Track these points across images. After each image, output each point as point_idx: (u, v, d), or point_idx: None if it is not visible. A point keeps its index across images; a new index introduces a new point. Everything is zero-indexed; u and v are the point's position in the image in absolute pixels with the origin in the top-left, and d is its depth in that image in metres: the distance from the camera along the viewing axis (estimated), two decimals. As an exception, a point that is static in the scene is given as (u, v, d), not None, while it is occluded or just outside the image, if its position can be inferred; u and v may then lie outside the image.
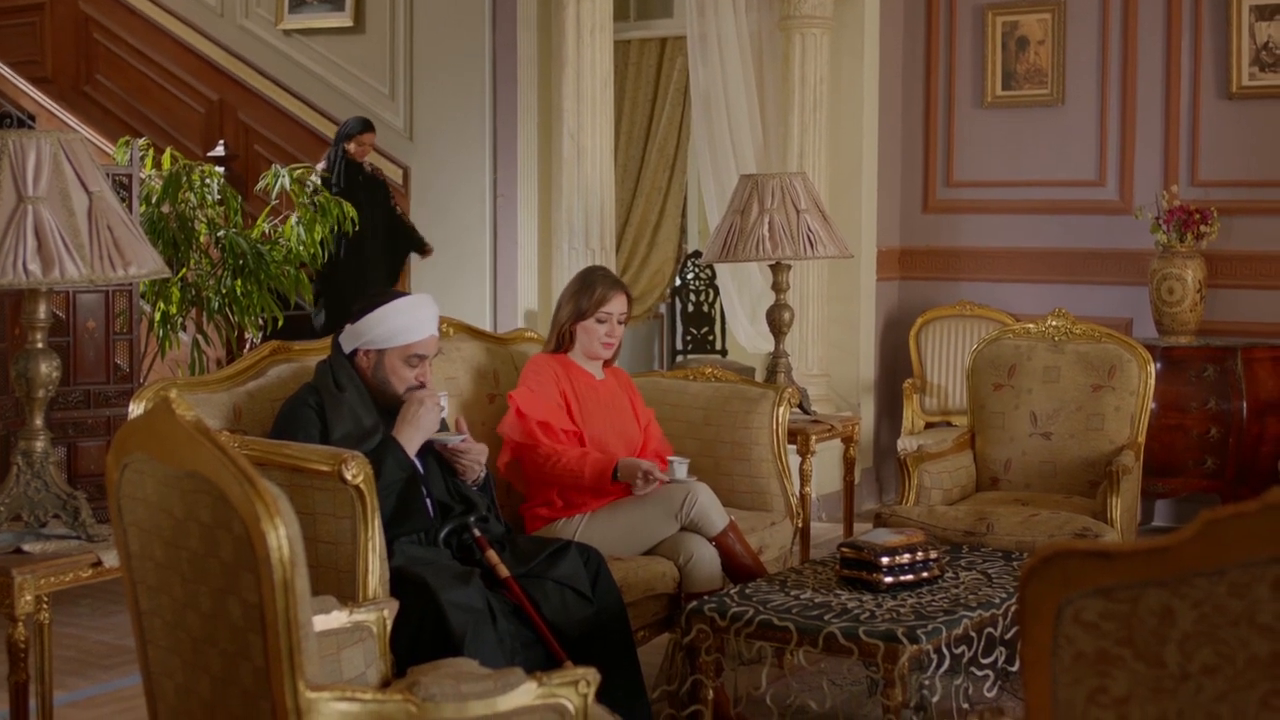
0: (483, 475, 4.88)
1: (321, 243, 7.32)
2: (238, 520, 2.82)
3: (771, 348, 7.11)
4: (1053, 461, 6.37)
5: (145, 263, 4.25)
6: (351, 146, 8.23)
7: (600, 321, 5.41)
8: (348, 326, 4.78)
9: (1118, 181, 8.53)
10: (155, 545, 3.08)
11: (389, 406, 4.74)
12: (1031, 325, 6.65)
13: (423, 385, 4.78)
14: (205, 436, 2.89)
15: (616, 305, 5.43)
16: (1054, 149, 8.71)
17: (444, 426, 4.80)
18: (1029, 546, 5.43)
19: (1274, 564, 2.10)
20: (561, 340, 5.48)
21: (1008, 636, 4.60)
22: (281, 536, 2.77)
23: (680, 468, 5.23)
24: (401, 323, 4.71)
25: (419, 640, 4.21)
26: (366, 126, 8.34)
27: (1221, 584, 2.12)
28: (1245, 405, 7.73)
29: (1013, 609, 4.57)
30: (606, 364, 5.56)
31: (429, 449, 4.76)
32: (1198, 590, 2.13)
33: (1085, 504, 6.06)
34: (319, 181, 7.71)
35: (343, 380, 4.69)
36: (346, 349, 4.76)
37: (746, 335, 8.81)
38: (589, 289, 5.45)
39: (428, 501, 4.63)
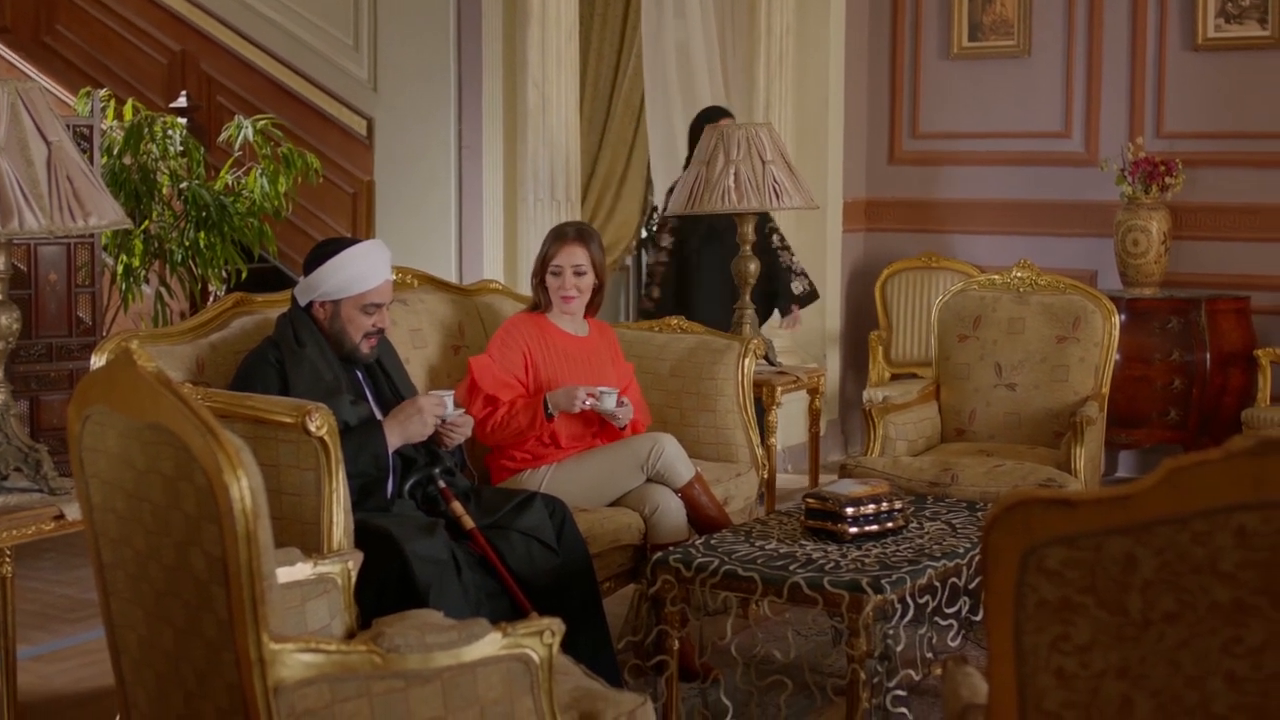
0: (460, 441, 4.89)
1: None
2: (200, 472, 2.80)
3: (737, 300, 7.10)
4: (1017, 413, 6.39)
5: (105, 213, 4.22)
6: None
7: (554, 274, 5.39)
8: (302, 279, 4.74)
9: (1083, 133, 8.54)
10: (117, 498, 3.06)
11: (348, 356, 4.72)
12: (996, 277, 6.66)
13: (381, 331, 4.75)
14: (167, 388, 2.87)
15: (566, 258, 5.39)
16: (1020, 101, 8.71)
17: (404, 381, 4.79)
18: (993, 497, 5.45)
19: (1236, 512, 2.10)
20: (539, 298, 5.45)
21: (972, 586, 4.62)
22: (244, 488, 2.76)
23: (609, 399, 5.21)
24: (354, 272, 4.68)
25: (384, 592, 4.21)
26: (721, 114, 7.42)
27: (1184, 532, 2.13)
28: (1209, 357, 7.77)
29: (976, 558, 4.59)
30: (590, 316, 5.53)
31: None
32: (1160, 538, 2.14)
33: (1049, 455, 6.08)
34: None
35: (303, 335, 4.66)
36: (302, 302, 4.73)
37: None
38: (545, 243, 5.44)
39: (390, 486, 4.62)
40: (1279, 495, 2.08)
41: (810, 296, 7.60)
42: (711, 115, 7.29)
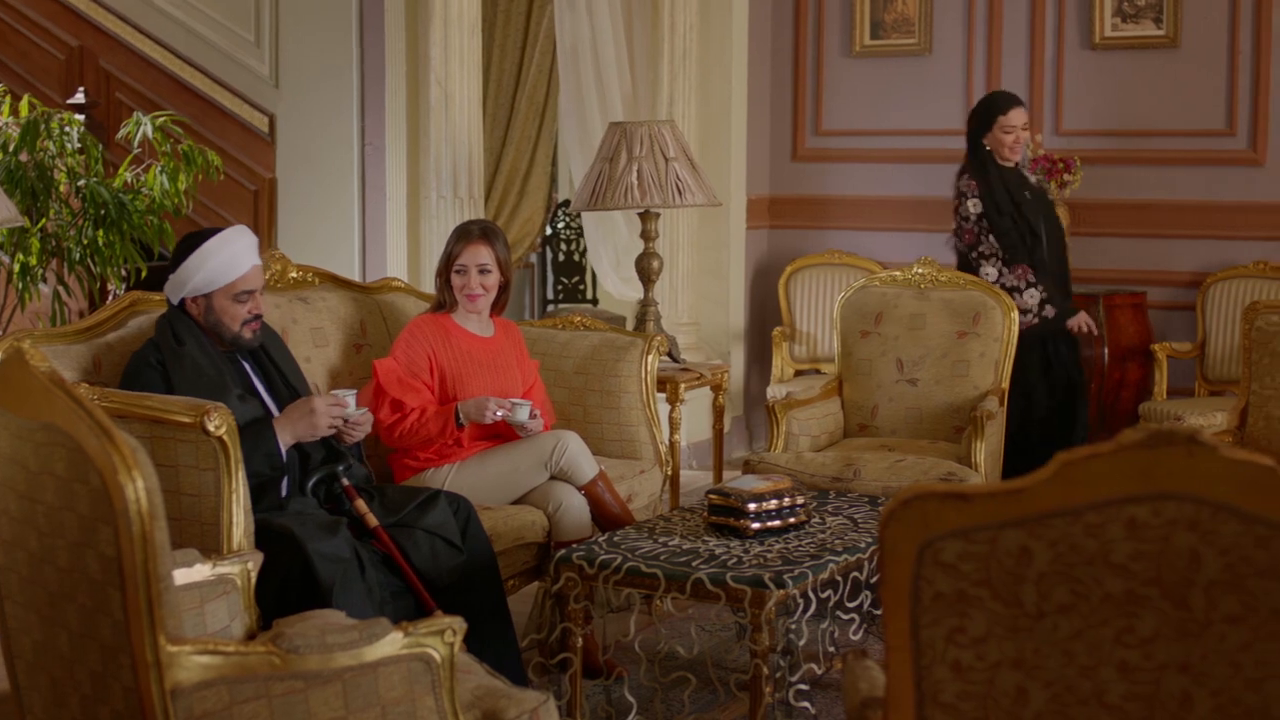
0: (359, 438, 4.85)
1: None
2: (94, 473, 2.76)
3: (641, 296, 7.12)
4: (919, 408, 6.44)
5: (-1, 211, 4.16)
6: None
7: (458, 273, 5.37)
8: (169, 277, 4.68)
9: (983, 131, 8.60)
10: (9, 499, 3.02)
11: (231, 349, 4.67)
12: (898, 273, 6.71)
13: (258, 318, 4.70)
14: (60, 388, 2.83)
15: (471, 256, 5.37)
16: (921, 98, 8.78)
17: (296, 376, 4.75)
18: (895, 492, 5.49)
19: (1128, 504, 2.13)
20: (444, 299, 5.43)
21: (873, 580, 4.65)
22: (139, 489, 2.73)
23: (521, 410, 5.20)
24: (219, 262, 4.61)
25: (286, 592, 4.18)
26: (1010, 102, 6.93)
27: (1077, 524, 2.16)
28: (1107, 351, 7.87)
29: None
30: (495, 315, 5.51)
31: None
32: (1054, 530, 2.17)
33: (951, 449, 6.13)
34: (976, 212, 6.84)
35: (181, 333, 4.59)
36: (174, 300, 4.66)
37: (613, 284, 8.80)
38: (449, 243, 5.42)
39: (284, 485, 4.59)
40: (1169, 487, 2.11)
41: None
42: (1001, 103, 6.91)
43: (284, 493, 4.58)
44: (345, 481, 4.70)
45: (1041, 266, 6.79)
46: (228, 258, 4.62)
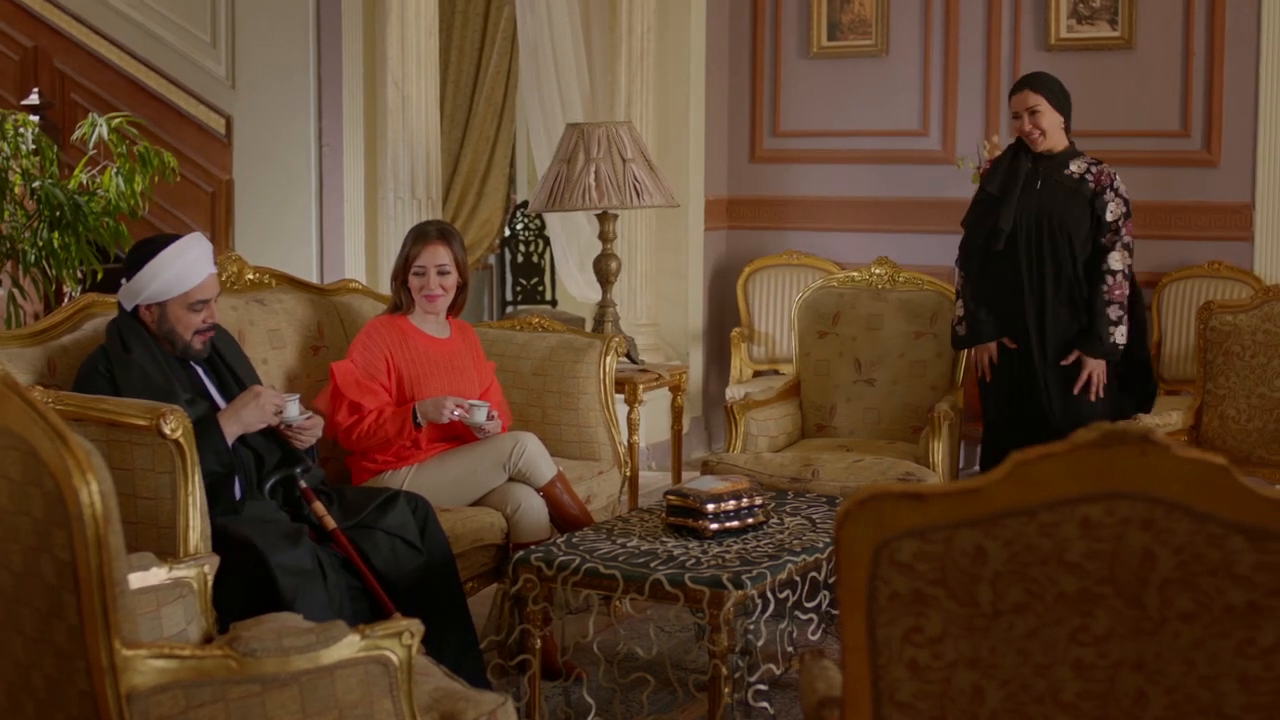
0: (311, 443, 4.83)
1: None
2: (48, 476, 2.75)
3: (600, 298, 7.12)
4: (876, 408, 6.46)
5: (-48, 213, 4.13)
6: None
7: (417, 274, 5.36)
8: (123, 284, 4.64)
9: (940, 131, 8.65)
10: (-36, 503, 3.00)
11: (183, 356, 4.65)
12: (855, 274, 6.73)
13: (215, 326, 4.68)
14: (13, 391, 2.82)
15: (429, 257, 5.36)
16: (878, 99, 8.80)
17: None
18: (853, 492, 5.50)
19: (1081, 504, 2.15)
20: (400, 300, 5.41)
21: (831, 580, 4.66)
22: (93, 492, 2.71)
23: (479, 412, 5.20)
24: (175, 271, 4.57)
25: (248, 601, 4.15)
26: (1015, 86, 6.18)
27: (1031, 524, 2.17)
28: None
29: (836, 553, 4.63)
30: (452, 317, 5.51)
31: None
32: (1008, 530, 2.18)
33: (908, 449, 6.16)
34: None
35: (130, 340, 4.56)
36: (128, 306, 4.62)
37: (577, 285, 8.80)
38: (406, 244, 5.41)
39: (237, 487, 4.56)
40: (1122, 487, 2.13)
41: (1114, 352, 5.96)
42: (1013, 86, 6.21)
43: (238, 494, 4.55)
44: (303, 484, 4.69)
45: (983, 277, 6.02)
46: (183, 267, 4.59)
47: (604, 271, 6.95)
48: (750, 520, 4.79)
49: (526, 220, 10.83)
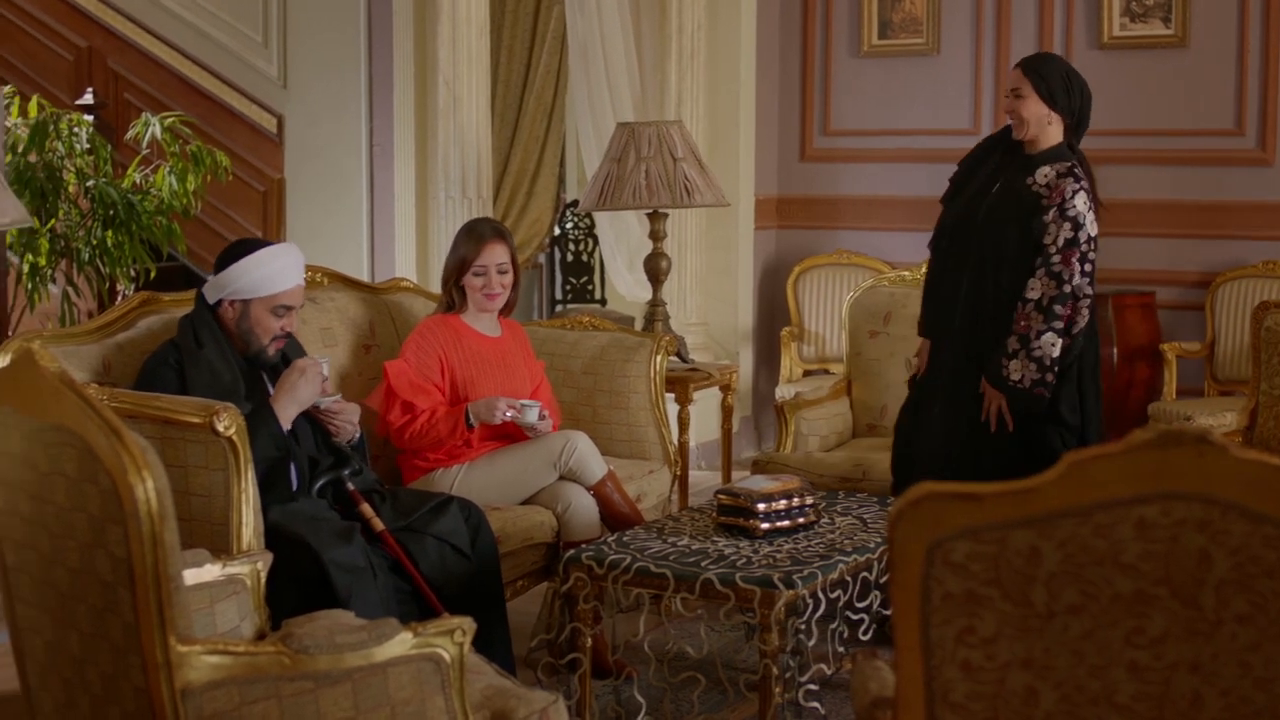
0: (356, 435, 4.83)
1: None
2: (104, 473, 2.77)
3: (650, 297, 7.12)
4: (928, 408, 6.42)
5: (8, 212, 4.18)
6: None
7: (477, 275, 5.37)
8: (211, 278, 4.69)
9: (991, 130, 8.59)
10: (21, 500, 3.02)
11: (253, 358, 4.67)
12: (907, 273, 6.71)
13: (289, 336, 4.71)
14: (70, 388, 2.84)
15: (489, 256, 5.37)
16: (929, 98, 8.77)
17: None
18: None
19: (1136, 504, 2.13)
20: (452, 300, 5.42)
21: (883, 580, 4.65)
22: (149, 489, 2.73)
23: (531, 412, 5.21)
24: (265, 273, 4.62)
25: (301, 598, 4.17)
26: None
27: (1086, 524, 2.16)
28: (1115, 351, 7.87)
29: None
30: (502, 316, 5.52)
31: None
32: (1063, 530, 2.16)
33: (959, 449, 6.12)
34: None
35: (202, 336, 4.60)
36: (211, 300, 4.67)
37: (625, 284, 8.80)
38: (461, 244, 5.41)
39: (293, 473, 4.58)
40: (1178, 487, 2.11)
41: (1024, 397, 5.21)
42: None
43: (294, 484, 4.57)
44: (350, 486, 4.70)
45: (935, 266, 5.57)
46: (277, 269, 4.64)
47: (654, 270, 6.95)
48: (801, 520, 4.78)
49: (576, 219, 10.84)
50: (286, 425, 4.55)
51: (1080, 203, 5.16)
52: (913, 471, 5.27)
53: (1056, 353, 5.11)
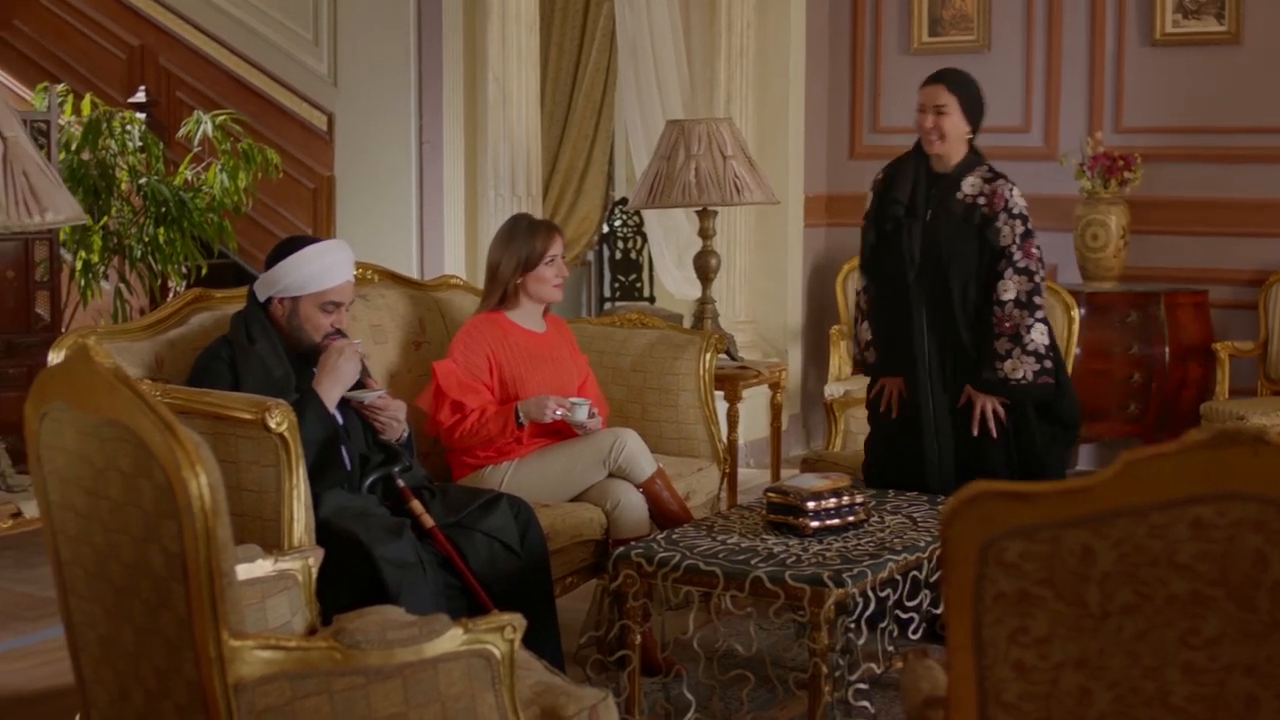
0: (405, 433, 4.84)
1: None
2: (158, 468, 2.79)
3: (699, 294, 7.11)
4: (978, 406, 6.39)
5: (62, 209, 4.20)
6: None
7: (549, 264, 5.39)
8: (261, 275, 4.72)
9: (1043, 128, 8.57)
10: (76, 494, 3.05)
11: (305, 354, 4.69)
12: (957, 271, 6.66)
13: (340, 332, 4.72)
14: (124, 384, 2.86)
15: (558, 246, 5.42)
16: (980, 95, 8.72)
17: (360, 380, 4.74)
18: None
19: (1192, 504, 2.12)
20: (506, 295, 5.42)
21: (933, 579, 4.63)
22: (202, 484, 2.75)
23: (580, 410, 5.22)
24: (315, 269, 4.64)
25: (351, 594, 4.19)
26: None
27: (1141, 524, 2.14)
28: (1168, 350, 7.82)
29: (937, 552, 4.59)
30: (546, 313, 5.53)
31: (348, 405, 4.71)
32: (1118, 530, 2.15)
33: (1010, 448, 6.09)
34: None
35: (254, 332, 4.62)
36: (261, 297, 4.69)
37: (674, 282, 8.80)
38: (529, 238, 5.39)
39: (345, 456, 4.60)
40: (1234, 487, 2.10)
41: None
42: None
43: (347, 464, 4.59)
44: (400, 483, 4.71)
45: (884, 304, 5.58)
46: (325, 267, 4.66)
47: (704, 268, 6.94)
48: (851, 518, 4.76)
49: (625, 217, 10.85)
50: (331, 405, 4.57)
51: (1018, 197, 5.42)
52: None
53: (1046, 340, 5.31)
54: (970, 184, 5.44)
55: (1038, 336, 5.29)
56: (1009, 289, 5.31)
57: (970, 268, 5.37)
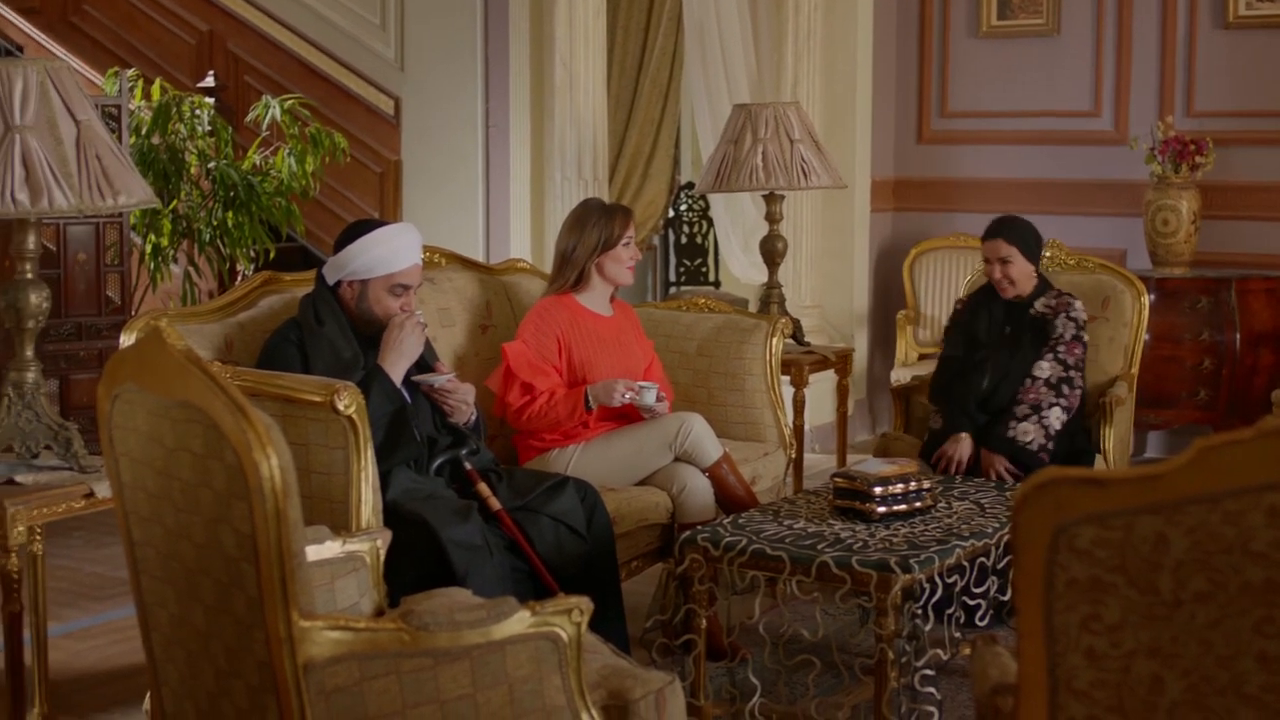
0: (473, 417, 4.86)
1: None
2: (229, 450, 2.81)
3: (765, 279, 7.10)
4: (1046, 392, 6.35)
5: (134, 192, 4.23)
6: None
7: (625, 246, 5.40)
8: (330, 258, 4.74)
9: (1113, 112, 8.49)
10: (147, 475, 3.07)
11: (373, 337, 4.71)
12: (1024, 256, 6.62)
13: (409, 316, 4.74)
14: (196, 366, 2.88)
15: (632, 229, 5.46)
16: (1049, 79, 8.67)
17: (424, 361, 4.76)
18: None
19: (1267, 491, 2.09)
20: (581, 277, 5.41)
21: (1000, 566, 4.61)
22: (273, 466, 2.77)
23: (648, 394, 5.22)
24: (383, 252, 4.67)
25: (418, 576, 4.21)
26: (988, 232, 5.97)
27: (1215, 511, 2.12)
28: (1239, 337, 7.73)
29: (1005, 538, 4.57)
30: (613, 298, 5.53)
31: (416, 388, 4.73)
32: (1191, 517, 2.13)
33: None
34: None
35: (323, 314, 4.65)
36: (330, 280, 4.72)
37: (740, 266, 8.79)
38: (607, 220, 5.39)
39: (416, 430, 4.62)
40: (1312, 474, 2.07)
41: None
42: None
43: (418, 437, 4.61)
44: (468, 465, 4.73)
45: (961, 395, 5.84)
46: (394, 250, 4.69)
47: (770, 253, 6.93)
48: (918, 504, 4.75)
49: (690, 201, 10.83)
50: (398, 379, 4.59)
51: (1080, 310, 5.83)
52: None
53: (1059, 426, 5.63)
54: (1041, 303, 5.87)
55: (1054, 418, 5.62)
56: (1044, 369, 5.69)
57: (1027, 359, 5.77)
